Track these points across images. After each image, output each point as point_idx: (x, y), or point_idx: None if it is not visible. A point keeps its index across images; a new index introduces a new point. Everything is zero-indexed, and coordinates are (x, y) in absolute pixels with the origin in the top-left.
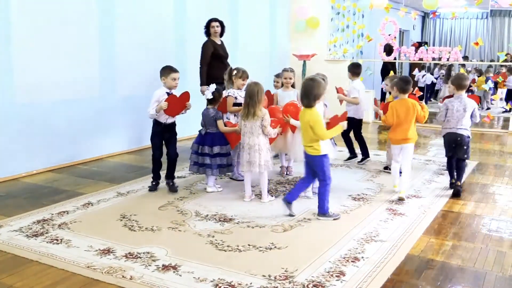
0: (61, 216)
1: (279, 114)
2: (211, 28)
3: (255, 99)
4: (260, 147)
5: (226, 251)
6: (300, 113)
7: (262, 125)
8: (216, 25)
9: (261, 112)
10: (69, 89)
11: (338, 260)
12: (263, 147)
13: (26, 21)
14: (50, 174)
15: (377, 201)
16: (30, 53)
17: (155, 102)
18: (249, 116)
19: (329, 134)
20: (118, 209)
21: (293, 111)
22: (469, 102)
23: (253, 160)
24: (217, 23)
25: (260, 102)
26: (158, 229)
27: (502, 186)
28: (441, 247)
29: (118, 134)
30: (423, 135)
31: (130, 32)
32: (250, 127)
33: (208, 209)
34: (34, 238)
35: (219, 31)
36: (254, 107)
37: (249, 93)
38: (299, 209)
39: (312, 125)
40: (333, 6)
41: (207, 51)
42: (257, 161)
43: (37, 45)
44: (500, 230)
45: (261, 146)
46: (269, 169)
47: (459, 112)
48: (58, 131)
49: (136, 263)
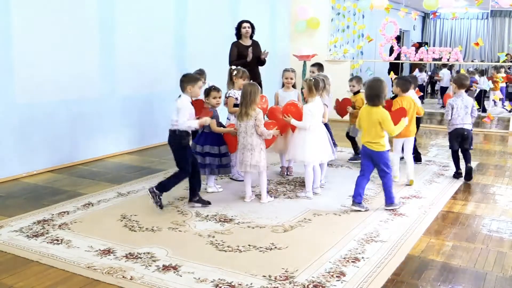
0: (62, 216)
1: (279, 115)
2: (242, 29)
3: (248, 99)
4: (252, 147)
5: (226, 252)
6: (365, 111)
7: (255, 125)
8: (248, 26)
9: (254, 112)
10: (70, 89)
11: (338, 261)
12: (255, 147)
13: (26, 21)
14: (50, 175)
15: (378, 202)
16: (30, 53)
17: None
18: (243, 116)
19: (397, 129)
20: (119, 209)
21: (293, 111)
22: (469, 99)
23: (245, 159)
24: (248, 24)
25: (253, 102)
26: (159, 230)
27: (502, 187)
28: (441, 247)
29: (119, 134)
30: (423, 135)
31: (131, 32)
32: (245, 127)
33: (208, 210)
34: (34, 239)
35: (249, 31)
36: (247, 107)
37: (243, 93)
38: (299, 209)
39: (382, 121)
40: (334, 7)
41: (232, 53)
42: (248, 161)
43: (37, 45)
44: (500, 231)
45: (253, 146)
46: (259, 170)
47: (461, 109)
48: (58, 131)
49: (137, 264)
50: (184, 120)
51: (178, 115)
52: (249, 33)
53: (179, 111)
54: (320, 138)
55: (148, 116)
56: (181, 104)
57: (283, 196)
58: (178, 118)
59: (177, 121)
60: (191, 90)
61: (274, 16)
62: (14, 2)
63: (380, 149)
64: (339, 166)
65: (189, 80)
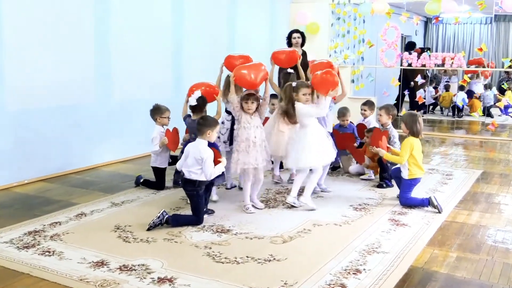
0: (53, 227)
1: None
2: (293, 39)
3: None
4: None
5: (223, 263)
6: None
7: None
8: (298, 36)
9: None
10: (63, 94)
11: (339, 272)
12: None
13: (18, 24)
14: (42, 184)
15: (379, 211)
16: (22, 57)
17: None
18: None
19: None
20: (112, 220)
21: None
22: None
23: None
24: (298, 34)
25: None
26: (154, 241)
27: (507, 196)
28: (445, 258)
29: (114, 141)
30: (426, 143)
31: (127, 35)
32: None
33: (205, 220)
34: (25, 250)
35: (300, 41)
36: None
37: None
38: (298, 219)
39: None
40: (334, 11)
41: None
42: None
43: (29, 49)
44: (506, 241)
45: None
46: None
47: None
48: (50, 139)
49: (131, 276)
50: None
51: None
52: (299, 43)
53: (206, 160)
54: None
55: (144, 124)
56: (205, 153)
57: (282, 206)
58: (204, 168)
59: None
60: (210, 134)
61: (273, 21)
62: (5, 6)
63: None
64: (339, 175)
65: (210, 124)
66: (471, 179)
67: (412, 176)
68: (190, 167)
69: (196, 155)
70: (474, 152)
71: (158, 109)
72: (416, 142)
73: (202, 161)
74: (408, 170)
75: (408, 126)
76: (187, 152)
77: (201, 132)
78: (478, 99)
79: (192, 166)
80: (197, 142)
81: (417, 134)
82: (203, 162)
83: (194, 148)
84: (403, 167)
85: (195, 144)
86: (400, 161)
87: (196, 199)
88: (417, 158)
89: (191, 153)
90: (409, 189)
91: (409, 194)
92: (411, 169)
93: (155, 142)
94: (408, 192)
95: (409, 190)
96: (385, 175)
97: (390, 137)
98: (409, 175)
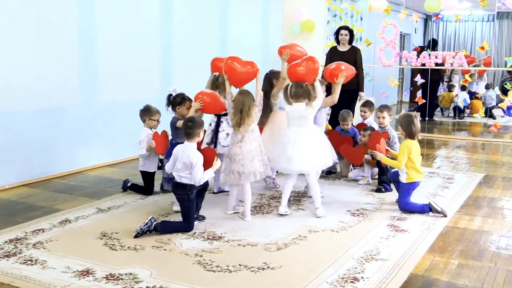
0: (36, 234)
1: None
2: (340, 36)
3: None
4: (252, 155)
5: (215, 272)
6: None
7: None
8: (345, 33)
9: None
10: (46, 97)
11: (336, 281)
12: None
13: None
14: (24, 189)
15: (378, 217)
16: (3, 58)
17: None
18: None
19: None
20: (98, 226)
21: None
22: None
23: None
24: (345, 31)
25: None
26: (142, 248)
27: (511, 200)
28: (446, 266)
29: (99, 145)
30: (425, 146)
31: (113, 36)
32: (241, 136)
33: (196, 226)
34: (6, 259)
35: (347, 38)
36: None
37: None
38: (293, 226)
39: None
40: (330, 8)
41: (326, 59)
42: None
43: (11, 49)
44: (509, 248)
45: (253, 154)
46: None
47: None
48: (33, 142)
49: (118, 285)
50: (201, 175)
51: (193, 170)
52: (346, 40)
53: (195, 166)
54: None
55: (130, 126)
56: (195, 158)
57: (276, 212)
58: (193, 173)
59: (189, 174)
60: (200, 135)
61: (266, 19)
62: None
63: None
64: (336, 179)
65: (200, 125)
66: (473, 183)
67: (410, 180)
68: (180, 171)
69: (185, 159)
70: (476, 155)
71: (148, 110)
72: (414, 144)
73: (191, 166)
74: (406, 174)
75: (404, 128)
76: (175, 156)
77: (191, 135)
78: (479, 100)
79: (182, 171)
80: (186, 146)
81: (413, 135)
82: (192, 167)
83: (182, 153)
84: (401, 171)
85: (183, 147)
86: (398, 165)
87: (186, 204)
88: (415, 161)
89: (180, 158)
90: (408, 194)
91: (408, 198)
92: (409, 173)
93: (142, 145)
94: (407, 196)
95: (407, 194)
96: (384, 178)
97: (390, 138)
98: (407, 179)
